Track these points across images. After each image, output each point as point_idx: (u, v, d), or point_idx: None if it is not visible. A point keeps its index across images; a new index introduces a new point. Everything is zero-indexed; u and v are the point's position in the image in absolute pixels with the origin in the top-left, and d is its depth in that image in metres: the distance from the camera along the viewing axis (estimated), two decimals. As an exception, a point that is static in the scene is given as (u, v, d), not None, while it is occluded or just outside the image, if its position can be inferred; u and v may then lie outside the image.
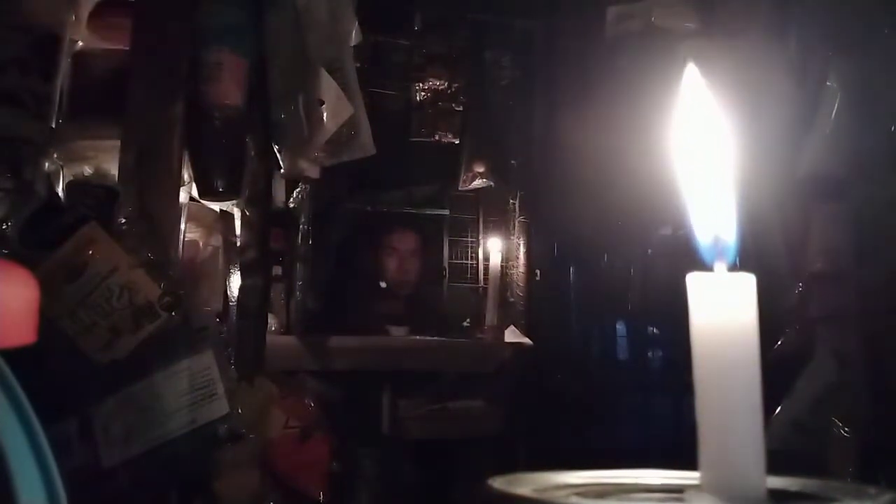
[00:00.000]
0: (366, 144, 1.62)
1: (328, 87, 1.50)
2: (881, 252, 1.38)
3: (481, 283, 2.99)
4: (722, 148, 0.40)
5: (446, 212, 3.03)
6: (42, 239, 1.25)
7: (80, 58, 1.45)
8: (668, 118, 0.41)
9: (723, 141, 0.40)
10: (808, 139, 1.43)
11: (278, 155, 1.57)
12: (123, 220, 1.28)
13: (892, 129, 1.38)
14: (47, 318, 1.15)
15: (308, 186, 2.26)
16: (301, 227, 2.30)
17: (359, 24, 1.65)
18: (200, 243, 1.66)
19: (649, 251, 2.66)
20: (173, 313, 1.25)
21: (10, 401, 0.42)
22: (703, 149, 0.41)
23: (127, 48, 1.41)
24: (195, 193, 1.48)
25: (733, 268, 0.40)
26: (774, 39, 1.56)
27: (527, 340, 2.65)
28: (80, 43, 1.46)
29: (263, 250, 1.59)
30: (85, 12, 1.44)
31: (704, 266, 0.40)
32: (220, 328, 1.46)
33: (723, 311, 0.39)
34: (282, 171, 1.61)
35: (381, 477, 2.03)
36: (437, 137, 2.99)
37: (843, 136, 1.40)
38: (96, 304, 1.22)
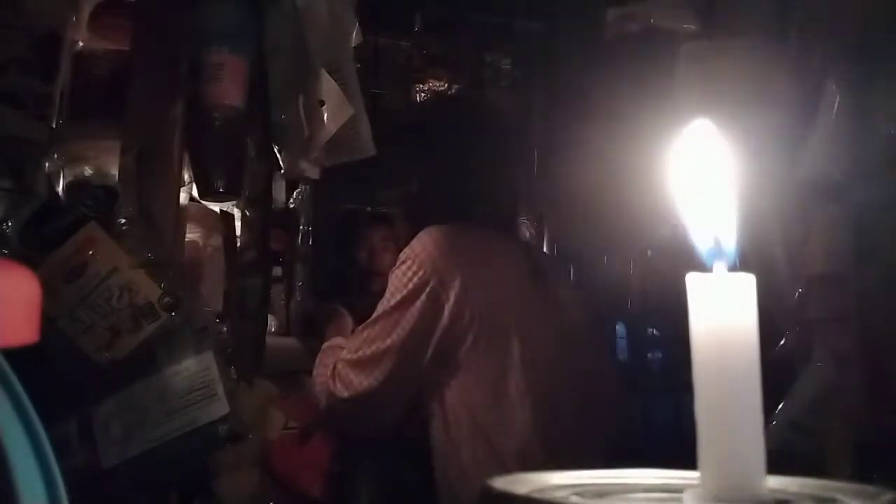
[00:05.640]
0: (366, 145, 1.62)
1: (328, 87, 1.50)
2: (880, 254, 1.38)
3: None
4: (724, 153, 0.40)
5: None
6: (42, 239, 1.25)
7: (80, 58, 1.45)
8: (670, 127, 0.41)
9: (725, 147, 0.40)
10: (808, 141, 1.43)
11: (278, 155, 1.57)
12: (123, 220, 1.28)
13: (892, 131, 1.38)
14: (47, 318, 1.15)
15: (308, 187, 2.26)
16: (301, 227, 2.30)
17: (359, 24, 1.65)
18: (200, 244, 1.66)
19: (649, 252, 2.66)
20: (173, 314, 1.25)
21: (11, 401, 0.42)
22: (704, 156, 0.41)
23: (127, 48, 1.41)
24: (195, 194, 1.48)
25: (733, 268, 0.40)
26: (774, 41, 1.56)
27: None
28: (81, 43, 1.46)
29: (263, 251, 1.60)
30: (86, 13, 1.44)
31: (704, 267, 0.40)
32: (220, 328, 1.46)
33: (723, 311, 0.39)
34: (282, 171, 1.61)
35: (381, 477, 2.03)
36: (436, 138, 2.98)
37: (843, 138, 1.40)
38: (96, 304, 1.22)
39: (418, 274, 1.49)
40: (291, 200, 2.30)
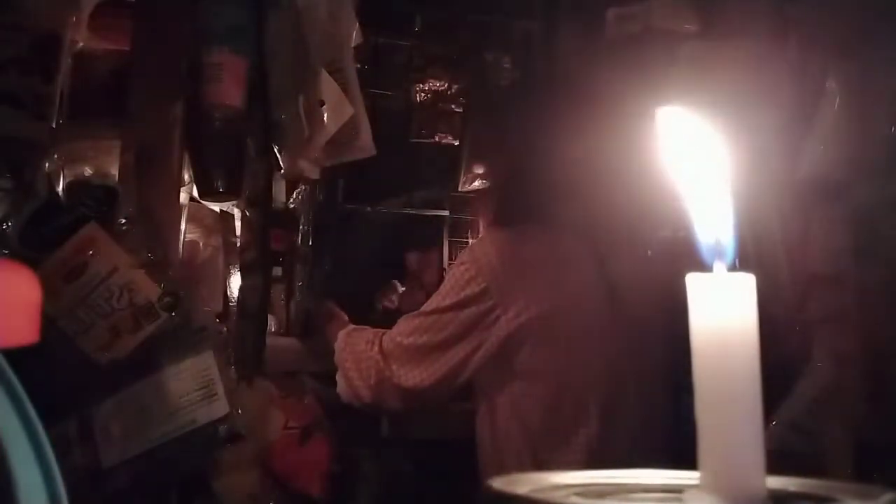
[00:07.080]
0: (366, 145, 1.62)
1: (328, 87, 1.50)
2: (880, 254, 1.39)
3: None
4: (715, 151, 0.40)
5: (446, 213, 3.03)
6: (42, 239, 1.25)
7: (80, 58, 1.45)
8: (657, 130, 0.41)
9: (715, 145, 0.40)
10: (808, 140, 1.43)
11: (278, 155, 1.57)
12: (123, 220, 1.28)
13: (892, 130, 1.38)
14: (47, 318, 1.15)
15: (308, 187, 2.26)
16: (301, 227, 2.30)
17: (359, 24, 1.65)
18: (200, 244, 1.66)
19: (649, 252, 2.66)
20: (173, 314, 1.25)
21: (11, 400, 0.42)
22: (695, 154, 0.41)
23: (127, 48, 1.41)
24: (195, 194, 1.48)
25: (733, 268, 0.40)
26: (774, 41, 1.56)
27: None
28: (81, 43, 1.46)
29: (263, 251, 1.59)
30: (86, 13, 1.44)
31: (704, 267, 0.40)
32: (220, 328, 1.46)
33: (723, 311, 0.39)
34: (282, 171, 1.61)
35: (381, 477, 2.03)
36: (437, 139, 2.99)
37: (843, 137, 1.40)
38: (96, 304, 1.22)
39: (476, 280, 1.44)
40: (291, 200, 2.29)
